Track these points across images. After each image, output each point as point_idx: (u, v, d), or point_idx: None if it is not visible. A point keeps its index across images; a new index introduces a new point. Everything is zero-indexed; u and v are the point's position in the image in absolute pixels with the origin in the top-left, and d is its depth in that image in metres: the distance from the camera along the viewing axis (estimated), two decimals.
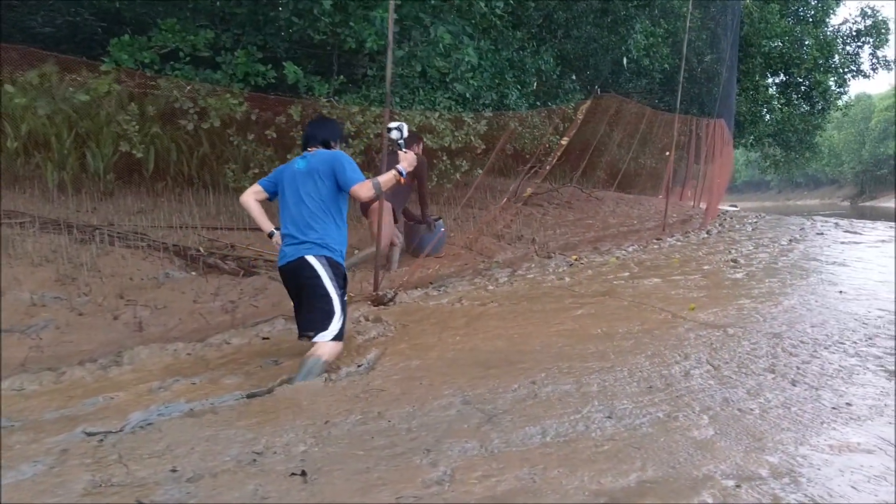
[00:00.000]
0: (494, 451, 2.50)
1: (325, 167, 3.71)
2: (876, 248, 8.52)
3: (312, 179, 3.72)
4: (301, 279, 3.63)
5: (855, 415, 2.81)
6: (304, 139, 3.95)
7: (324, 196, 3.71)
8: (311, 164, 3.75)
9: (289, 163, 3.95)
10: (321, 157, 3.76)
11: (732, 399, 3.00)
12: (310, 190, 3.70)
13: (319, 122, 4.09)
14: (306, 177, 3.73)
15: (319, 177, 3.71)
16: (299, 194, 3.71)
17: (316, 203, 3.69)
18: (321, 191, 3.71)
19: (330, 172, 3.70)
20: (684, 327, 4.20)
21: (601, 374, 3.33)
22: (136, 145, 6.98)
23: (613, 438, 2.60)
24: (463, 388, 3.15)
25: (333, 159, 3.73)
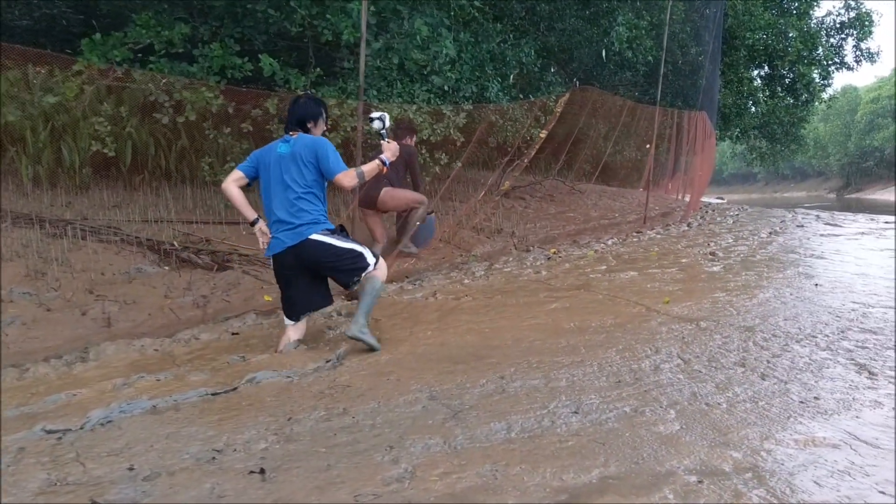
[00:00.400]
0: (458, 447, 2.47)
1: (309, 153, 3.74)
2: (855, 241, 8.56)
3: (296, 165, 3.74)
4: (314, 256, 3.73)
5: (822, 409, 2.81)
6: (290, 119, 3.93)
7: (309, 181, 3.75)
8: (294, 149, 3.76)
9: (268, 146, 3.94)
10: (304, 143, 3.77)
11: (701, 393, 2.99)
12: (295, 176, 3.74)
13: (301, 101, 4.05)
14: (290, 162, 3.75)
15: (303, 163, 3.74)
16: (284, 180, 3.75)
17: (302, 188, 3.73)
18: (306, 177, 3.75)
19: (313, 159, 3.74)
20: (657, 321, 4.19)
21: (571, 368, 3.31)
22: (108, 145, 6.88)
23: (578, 434, 2.58)
24: (430, 383, 3.12)
25: (317, 146, 3.76)
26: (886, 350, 3.58)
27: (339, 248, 3.77)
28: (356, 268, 3.80)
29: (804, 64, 23.73)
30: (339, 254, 3.76)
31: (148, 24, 7.28)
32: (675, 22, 17.90)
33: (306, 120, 3.91)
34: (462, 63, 9.12)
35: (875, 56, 25.60)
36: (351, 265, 3.79)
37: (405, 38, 7.09)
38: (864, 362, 3.38)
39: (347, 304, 4.79)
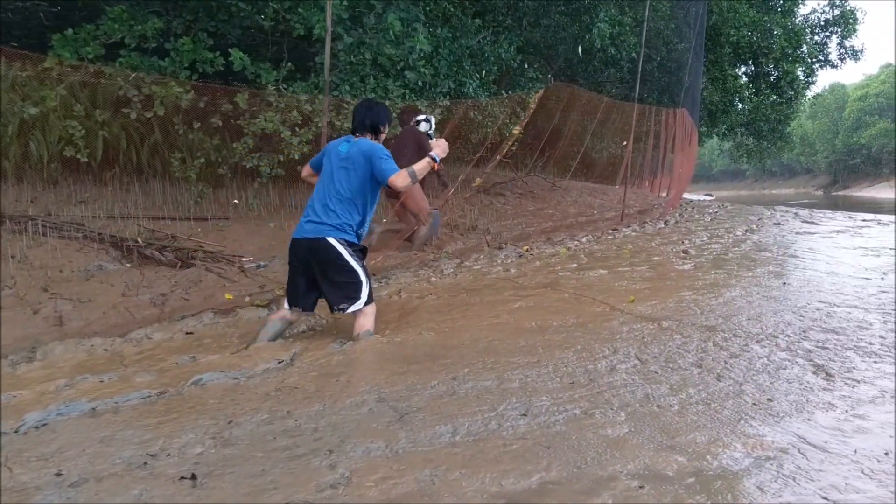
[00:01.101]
0: (399, 451, 2.41)
1: (363, 159, 3.90)
2: (829, 239, 8.57)
3: (347, 167, 3.92)
4: (323, 258, 3.83)
5: (774, 411, 2.77)
6: (356, 120, 4.11)
7: (353, 185, 3.90)
8: (351, 152, 3.95)
9: (335, 141, 4.13)
10: (361, 148, 3.94)
11: (654, 395, 2.95)
12: (342, 176, 3.91)
13: (368, 105, 4.22)
14: (344, 160, 3.94)
15: (354, 167, 3.91)
16: (332, 176, 3.93)
17: (345, 189, 3.89)
18: (352, 180, 3.90)
19: (367, 164, 3.89)
20: (619, 320, 4.15)
21: (525, 369, 3.26)
22: (80, 150, 6.75)
23: (524, 437, 2.53)
24: (381, 384, 3.06)
25: (372, 152, 3.91)
26: (846, 350, 3.55)
27: (347, 262, 3.83)
28: (348, 293, 3.83)
29: (789, 61, 23.80)
30: (342, 267, 3.83)
31: (121, 17, 7.18)
32: (659, 18, 17.91)
33: (380, 124, 4.13)
34: (439, 59, 9.07)
35: (859, 54, 25.74)
36: (345, 287, 3.83)
37: (378, 33, 7.02)
38: (822, 363, 3.35)
39: None
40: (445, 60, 9.11)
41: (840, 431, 2.58)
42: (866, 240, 8.44)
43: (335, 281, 3.84)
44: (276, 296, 4.88)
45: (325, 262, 3.83)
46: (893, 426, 2.60)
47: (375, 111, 4.15)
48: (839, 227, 10.18)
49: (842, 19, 24.66)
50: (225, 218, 6.82)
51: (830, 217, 12.40)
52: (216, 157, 6.97)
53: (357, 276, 3.85)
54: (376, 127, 4.11)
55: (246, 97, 6.71)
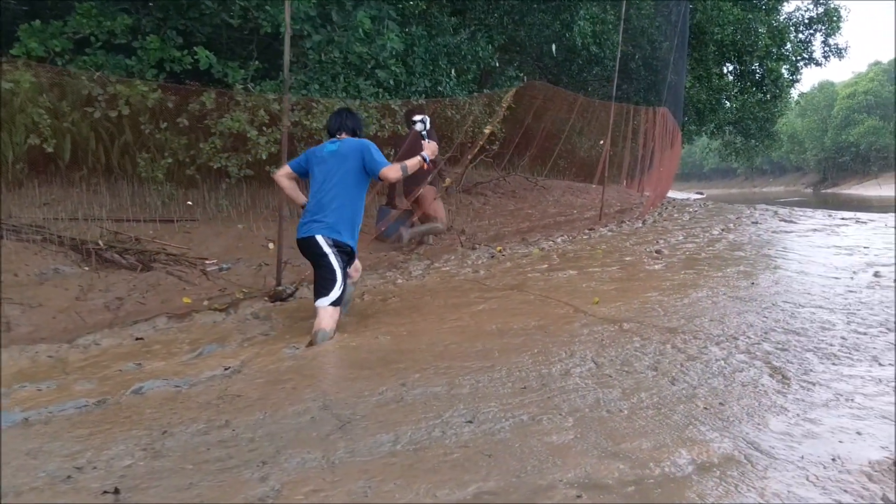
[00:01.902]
0: (336, 462, 2.34)
1: (355, 153, 4.18)
2: (804, 238, 8.55)
3: (340, 162, 4.18)
4: (313, 252, 4.12)
5: (725, 416, 2.72)
6: (332, 127, 4.43)
7: (347, 179, 4.16)
8: (340, 150, 4.22)
9: (318, 146, 4.40)
10: (350, 145, 4.24)
11: (605, 400, 2.89)
12: (334, 172, 4.17)
13: (347, 112, 4.55)
14: (335, 157, 4.20)
15: (347, 161, 4.17)
16: (325, 176, 4.18)
17: (339, 185, 4.15)
18: (347, 176, 4.16)
19: (359, 158, 4.17)
20: (581, 322, 4.09)
21: (478, 374, 3.20)
22: (48, 139, 6.64)
23: (467, 445, 2.47)
24: (327, 391, 2.99)
25: (363, 147, 4.22)
26: (806, 352, 3.51)
27: (330, 262, 4.07)
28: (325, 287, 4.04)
29: (773, 59, 23.83)
30: (325, 265, 4.08)
31: (90, 13, 7.05)
32: (643, 17, 17.88)
33: (358, 129, 4.45)
34: (414, 57, 8.99)
35: (843, 52, 25.77)
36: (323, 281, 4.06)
37: (347, 31, 6.93)
38: (779, 365, 3.30)
39: (269, 307, 4.64)
40: (421, 59, 9.03)
41: (789, 436, 2.53)
42: (841, 238, 8.42)
43: (319, 274, 4.11)
44: (236, 300, 4.79)
45: (315, 256, 4.12)
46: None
47: (354, 117, 4.50)
48: (816, 225, 10.17)
49: (826, 17, 24.71)
50: (192, 219, 6.73)
51: (809, 216, 12.40)
52: (184, 158, 6.87)
53: (334, 276, 4.06)
54: (355, 131, 4.42)
55: (213, 96, 6.61)
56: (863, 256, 6.68)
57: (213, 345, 3.69)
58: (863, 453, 2.38)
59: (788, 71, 25.69)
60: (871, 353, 3.48)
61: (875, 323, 4.06)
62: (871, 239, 8.27)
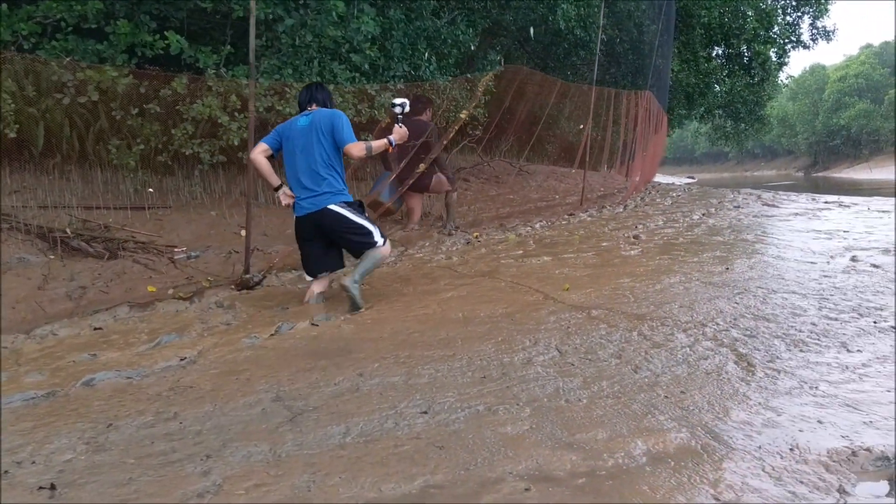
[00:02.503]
0: (282, 455, 2.29)
1: (326, 122, 4.28)
2: (785, 222, 8.52)
3: (316, 134, 4.27)
4: (331, 224, 4.29)
5: (685, 404, 2.67)
6: (302, 101, 4.51)
7: (326, 149, 4.28)
8: (314, 121, 4.31)
9: (290, 120, 4.49)
10: (323, 115, 4.32)
11: (565, 389, 2.84)
12: (314, 143, 4.26)
13: (316, 85, 4.69)
14: (311, 131, 4.28)
15: (322, 132, 4.27)
16: (305, 147, 4.28)
17: (322, 154, 4.26)
18: (323, 145, 4.27)
19: (330, 128, 4.27)
20: (549, 310, 4.04)
21: (439, 363, 3.14)
22: (9, 125, 6.50)
23: (418, 437, 2.41)
24: (282, 382, 2.93)
25: (333, 116, 4.31)
26: (774, 339, 3.46)
27: (353, 221, 4.31)
28: (365, 242, 4.35)
29: (760, 42, 23.76)
30: (351, 227, 4.31)
31: None
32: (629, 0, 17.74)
33: (326, 101, 4.52)
34: (392, 41, 8.87)
35: (831, 34, 25.71)
36: (360, 238, 4.34)
37: (320, 14, 6.81)
38: (745, 352, 3.26)
39: (234, 295, 4.57)
40: (399, 43, 8.91)
41: (749, 426, 2.49)
42: (822, 222, 8.40)
43: (350, 239, 4.35)
44: (201, 288, 4.71)
45: (335, 228, 4.29)
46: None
47: (323, 90, 4.61)
48: (799, 209, 10.14)
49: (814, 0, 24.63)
50: (165, 207, 6.62)
51: (793, 199, 12.36)
52: (157, 144, 6.75)
53: (365, 228, 4.35)
54: (325, 103, 4.51)
55: (184, 81, 6.49)
56: (842, 241, 6.65)
57: (172, 334, 3.62)
58: (822, 443, 2.34)
59: (776, 54, 25.65)
60: (841, 340, 3.44)
61: (847, 308, 4.03)
62: (853, 223, 8.25)
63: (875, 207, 10.20)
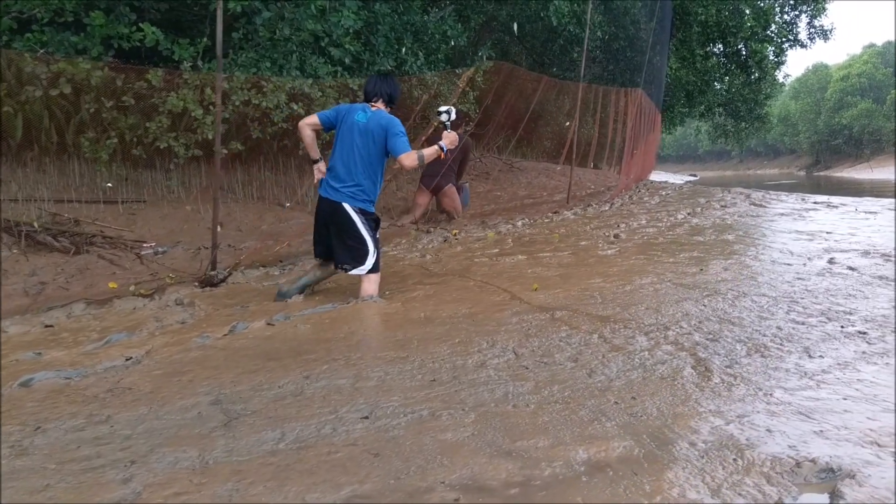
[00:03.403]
0: (210, 462, 2.22)
1: (381, 131, 4.29)
2: (771, 222, 8.46)
3: (366, 137, 4.29)
4: (339, 220, 4.31)
5: (634, 411, 2.60)
6: (368, 92, 4.49)
7: (371, 154, 4.31)
8: (370, 123, 4.31)
9: (351, 107, 4.47)
10: (379, 120, 4.32)
11: (514, 393, 2.77)
12: (361, 145, 4.29)
13: (385, 77, 4.62)
14: (363, 132, 4.30)
15: (373, 138, 4.29)
16: (352, 145, 4.30)
17: (364, 158, 4.29)
18: (370, 150, 4.30)
19: (383, 136, 4.28)
20: (513, 310, 3.97)
21: (390, 365, 3.07)
22: None
23: (355, 444, 2.34)
24: (225, 384, 2.86)
25: (390, 125, 4.31)
26: (736, 343, 3.40)
27: (358, 231, 4.30)
28: (354, 256, 4.30)
29: (758, 41, 23.67)
30: (353, 234, 4.29)
31: None
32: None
33: (393, 95, 4.53)
34: (377, 35, 8.79)
35: (829, 33, 25.66)
36: (353, 250, 4.30)
37: (299, 6, 6.72)
38: (705, 357, 3.19)
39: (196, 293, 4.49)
40: (384, 37, 8.83)
41: (696, 433, 2.42)
42: (807, 223, 8.33)
43: (346, 243, 4.30)
44: (164, 284, 4.64)
45: (340, 225, 4.30)
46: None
47: (391, 82, 4.57)
48: (786, 209, 10.07)
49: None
50: (140, 201, 6.55)
51: (783, 199, 12.28)
52: (132, 138, 6.67)
53: (365, 245, 4.30)
54: (392, 97, 4.51)
55: (159, 74, 6.41)
56: (823, 242, 6.58)
57: (123, 333, 3.55)
58: (768, 452, 2.28)
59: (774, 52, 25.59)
60: (804, 345, 3.38)
61: (816, 312, 3.96)
62: (837, 224, 8.19)
63: (863, 209, 10.12)
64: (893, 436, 2.40)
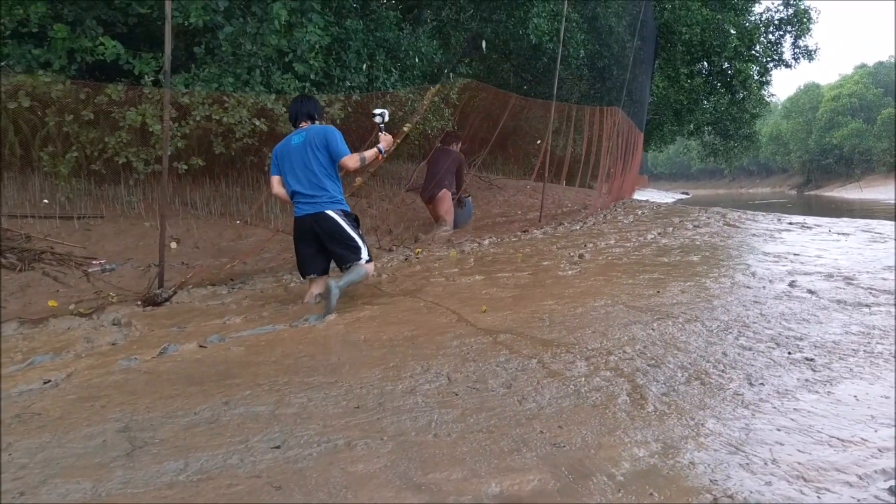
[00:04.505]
0: (103, 494, 2.12)
1: (320, 139, 4.71)
2: (740, 244, 8.40)
3: (312, 150, 4.69)
4: (327, 228, 4.69)
5: (558, 441, 2.52)
6: (293, 116, 4.93)
7: (323, 163, 4.71)
8: (308, 138, 4.72)
9: (283, 141, 4.90)
10: (316, 132, 4.75)
11: (439, 421, 2.68)
12: (311, 158, 4.67)
13: (304, 99, 5.06)
14: (306, 148, 4.69)
15: (317, 148, 4.69)
16: (303, 163, 4.68)
17: (320, 168, 4.68)
18: (320, 159, 4.69)
19: (324, 144, 4.69)
20: (455, 333, 3.88)
21: (315, 391, 2.98)
22: None
23: (259, 475, 2.25)
24: (138, 410, 2.75)
25: (326, 133, 4.75)
26: (678, 370, 3.32)
27: (346, 232, 4.73)
28: (351, 255, 4.73)
29: (742, 60, 23.83)
30: (343, 237, 4.71)
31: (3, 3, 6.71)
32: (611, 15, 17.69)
33: (314, 114, 4.92)
34: (349, 51, 8.74)
35: (813, 54, 25.89)
36: (348, 251, 4.72)
37: (259, 22, 6.66)
38: (642, 383, 3.11)
39: (136, 312, 4.39)
40: (356, 53, 8.79)
41: (616, 465, 2.34)
42: (777, 245, 8.28)
43: (339, 248, 4.72)
44: (105, 303, 4.53)
45: (329, 232, 4.69)
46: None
47: (311, 101, 5.00)
48: (759, 230, 10.02)
49: (795, 18, 24.76)
50: (98, 216, 6.44)
51: (759, 220, 12.25)
52: (92, 151, 6.57)
53: (355, 242, 4.75)
54: (312, 116, 4.91)
55: (119, 88, 6.32)
56: (788, 264, 6.52)
57: (49, 355, 3.44)
58: (687, 486, 2.20)
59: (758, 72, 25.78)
60: (747, 372, 3.30)
61: (766, 337, 3.89)
62: (807, 246, 8.13)
63: (837, 230, 10.09)
64: (820, 470, 2.33)
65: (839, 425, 2.69)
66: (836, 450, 2.48)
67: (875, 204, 35.52)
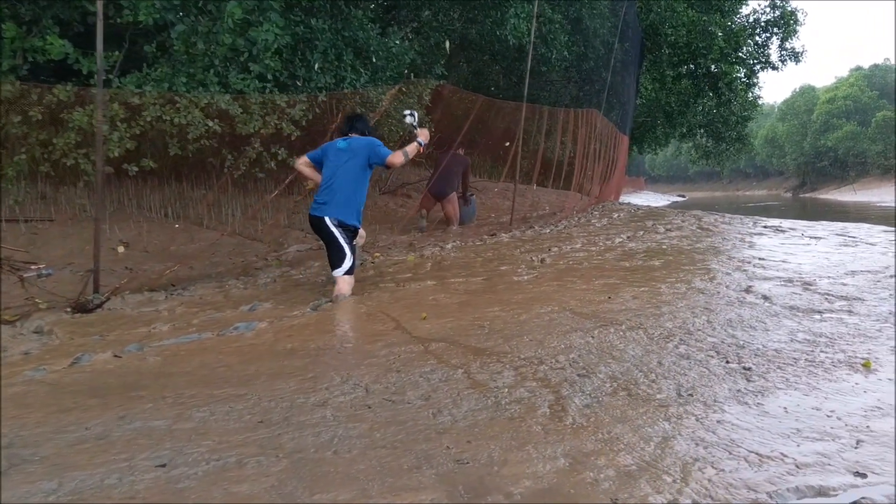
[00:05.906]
0: None
1: (362, 149, 5.18)
2: (707, 248, 8.31)
3: (347, 154, 5.16)
4: (322, 233, 5.12)
5: (462, 457, 2.39)
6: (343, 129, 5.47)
7: (354, 172, 5.13)
8: (350, 146, 5.21)
9: (332, 141, 5.42)
10: (359, 142, 5.24)
11: (343, 437, 2.55)
12: (343, 164, 5.13)
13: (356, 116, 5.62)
14: (343, 151, 5.19)
15: (354, 156, 5.15)
16: (335, 166, 5.13)
17: (347, 176, 5.11)
18: (352, 167, 5.12)
19: (365, 153, 5.17)
20: (387, 342, 3.75)
21: (221, 404, 2.85)
22: None
23: (134, 497, 2.12)
24: (28, 424, 2.62)
25: (369, 143, 5.24)
26: (607, 381, 3.20)
27: (336, 239, 5.06)
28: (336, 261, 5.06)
29: (728, 62, 23.80)
30: (333, 243, 5.07)
31: None
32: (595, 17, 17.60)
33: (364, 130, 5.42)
34: (315, 51, 8.61)
35: (800, 56, 25.91)
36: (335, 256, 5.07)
37: (211, 21, 6.52)
38: (567, 394, 2.99)
39: (62, 319, 4.24)
40: (321, 53, 8.65)
41: (517, 484, 2.21)
42: (745, 249, 8.20)
43: (331, 250, 5.09)
44: (33, 310, 4.39)
45: (325, 237, 5.12)
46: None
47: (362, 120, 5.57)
48: (731, 234, 9.96)
49: (782, 20, 24.76)
50: (48, 220, 6.29)
51: (735, 223, 12.17)
52: (42, 153, 6.42)
53: (343, 252, 5.06)
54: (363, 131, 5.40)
55: (68, 89, 6.18)
56: (750, 269, 6.43)
57: None
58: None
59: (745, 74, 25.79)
60: (678, 381, 3.19)
61: (707, 346, 3.78)
62: (775, 250, 8.05)
63: (810, 234, 10.02)
64: (730, 488, 2.22)
65: (761, 439, 2.58)
66: (752, 466, 2.36)
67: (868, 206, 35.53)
